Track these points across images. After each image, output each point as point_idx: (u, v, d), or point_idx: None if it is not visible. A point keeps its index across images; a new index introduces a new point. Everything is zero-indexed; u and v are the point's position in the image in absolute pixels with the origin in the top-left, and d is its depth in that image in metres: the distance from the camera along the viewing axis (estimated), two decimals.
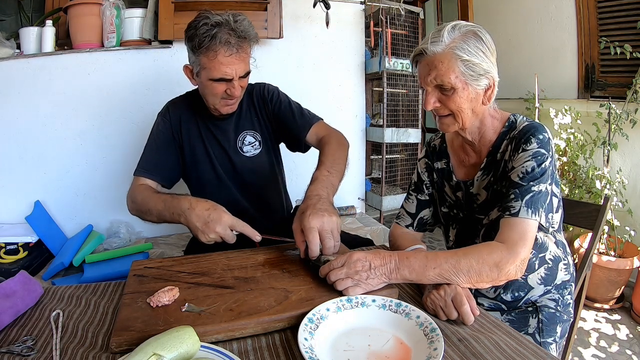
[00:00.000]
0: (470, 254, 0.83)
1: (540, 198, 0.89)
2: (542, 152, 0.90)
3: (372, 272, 0.82)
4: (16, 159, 1.96)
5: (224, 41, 1.11)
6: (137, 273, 0.92)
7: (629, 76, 2.29)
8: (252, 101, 1.38)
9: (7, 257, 1.78)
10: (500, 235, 0.87)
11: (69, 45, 2.04)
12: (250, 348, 0.71)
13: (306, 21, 2.44)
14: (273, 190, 1.45)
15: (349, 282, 0.81)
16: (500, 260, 0.82)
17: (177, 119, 1.33)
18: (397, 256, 0.84)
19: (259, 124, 1.38)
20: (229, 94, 1.19)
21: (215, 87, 1.18)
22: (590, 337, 1.96)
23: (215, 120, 1.33)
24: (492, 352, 0.68)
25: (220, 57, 1.12)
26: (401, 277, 0.82)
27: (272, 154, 1.42)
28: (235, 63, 1.14)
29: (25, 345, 0.70)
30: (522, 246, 0.84)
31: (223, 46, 1.11)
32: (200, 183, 1.36)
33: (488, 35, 0.93)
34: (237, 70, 1.15)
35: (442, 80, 0.91)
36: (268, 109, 1.37)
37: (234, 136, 1.35)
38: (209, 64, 1.14)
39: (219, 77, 1.15)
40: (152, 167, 1.28)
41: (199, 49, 1.13)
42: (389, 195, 2.80)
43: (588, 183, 2.32)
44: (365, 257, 0.83)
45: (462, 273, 0.81)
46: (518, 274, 0.84)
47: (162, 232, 2.22)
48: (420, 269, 0.81)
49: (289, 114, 1.35)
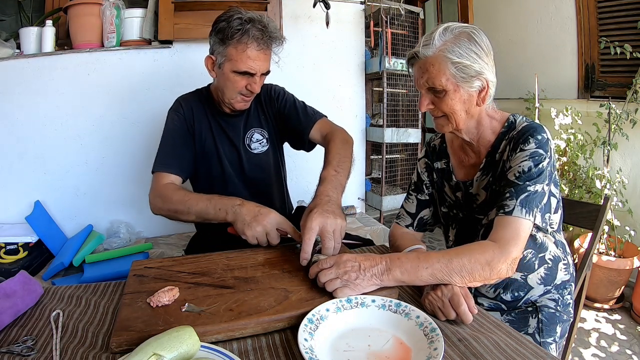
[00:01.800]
0: (462, 253, 0.83)
1: (536, 198, 0.89)
2: (540, 152, 0.90)
3: (362, 273, 0.81)
4: (16, 159, 1.96)
5: (255, 36, 1.15)
6: (137, 273, 0.92)
7: (629, 76, 2.29)
8: (259, 100, 1.39)
9: (7, 257, 1.78)
10: (494, 233, 0.87)
11: (69, 45, 2.04)
12: (250, 348, 0.71)
13: (306, 21, 2.43)
14: (277, 188, 1.46)
15: (338, 282, 0.80)
16: (492, 259, 0.82)
17: (190, 112, 1.34)
18: (388, 257, 0.84)
19: (266, 122, 1.40)
20: (249, 89, 1.22)
21: (237, 81, 1.20)
22: (590, 337, 1.96)
23: (226, 116, 1.35)
24: (492, 352, 0.68)
25: (249, 51, 1.16)
26: (393, 278, 0.81)
27: (277, 152, 1.44)
28: (262, 59, 1.19)
29: (25, 345, 0.70)
30: (513, 245, 0.84)
31: (254, 41, 1.16)
32: (208, 178, 1.37)
33: (483, 36, 0.93)
34: (261, 67, 1.20)
35: (433, 83, 0.92)
36: (274, 107, 1.39)
37: (243, 132, 1.37)
38: (237, 56, 1.17)
39: (244, 70, 1.18)
40: (173, 162, 1.26)
41: (230, 39, 1.16)
42: (389, 195, 2.80)
43: (588, 183, 2.32)
44: (355, 258, 0.83)
45: (455, 272, 0.80)
46: (509, 272, 0.84)
47: (162, 232, 2.22)
48: (412, 269, 0.81)
49: (293, 111, 1.38)
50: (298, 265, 0.95)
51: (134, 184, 2.13)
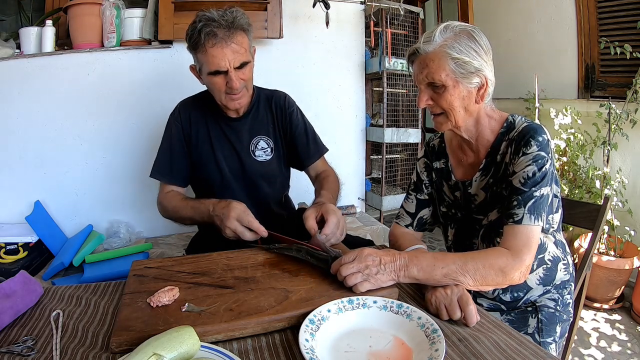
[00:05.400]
0: (478, 258, 0.84)
1: (542, 202, 0.90)
2: (542, 154, 0.91)
3: (382, 268, 0.83)
4: (16, 158, 1.96)
5: (212, 34, 1.13)
6: (137, 273, 0.92)
7: (629, 76, 2.29)
8: (270, 107, 1.39)
9: (7, 257, 1.78)
10: (505, 242, 0.89)
11: (69, 45, 2.04)
12: (250, 348, 0.70)
13: (306, 21, 2.43)
14: (278, 197, 1.46)
15: (359, 277, 0.82)
16: (506, 266, 0.84)
17: (187, 119, 1.34)
18: (407, 255, 0.85)
19: (273, 131, 1.39)
20: (229, 86, 1.20)
21: (216, 82, 1.20)
22: (590, 337, 1.96)
23: (230, 121, 1.34)
24: (492, 352, 0.68)
25: (211, 51, 1.15)
26: (409, 275, 0.83)
27: (282, 162, 1.43)
28: (226, 54, 1.15)
29: (25, 345, 0.70)
30: (526, 253, 0.86)
31: (212, 39, 1.14)
32: (207, 183, 1.37)
33: (483, 36, 0.94)
34: (230, 61, 1.16)
35: (432, 78, 0.93)
36: (285, 121, 1.39)
37: (248, 139, 1.36)
38: (204, 58, 1.17)
39: (214, 70, 1.17)
40: (171, 173, 1.33)
41: (196, 45, 1.16)
42: (389, 195, 2.80)
43: (588, 183, 2.32)
44: (376, 253, 0.85)
45: (469, 274, 0.82)
46: (522, 279, 0.86)
47: (162, 232, 2.22)
48: (428, 267, 0.82)
49: (303, 137, 1.40)
50: (298, 265, 0.95)
51: (134, 184, 2.13)
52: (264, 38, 2.23)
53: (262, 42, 2.28)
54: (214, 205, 1.14)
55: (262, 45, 2.30)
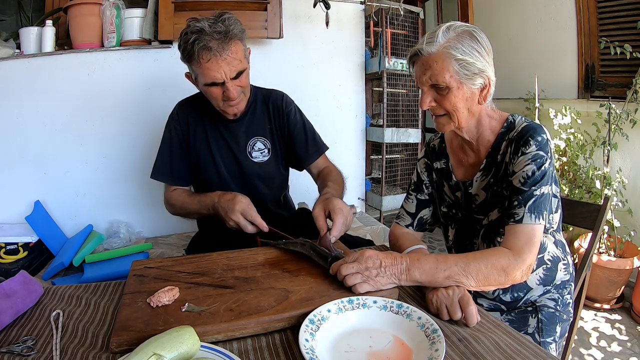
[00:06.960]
0: (479, 258, 0.84)
1: (543, 201, 0.90)
2: (541, 154, 0.91)
3: (382, 270, 0.82)
4: (16, 158, 1.96)
5: (206, 47, 1.11)
6: (137, 273, 0.92)
7: (629, 76, 2.29)
8: (266, 107, 1.38)
9: (7, 257, 1.78)
10: (506, 242, 0.88)
11: (69, 45, 2.04)
12: (250, 348, 0.70)
13: (306, 21, 2.43)
14: (276, 198, 1.46)
15: (359, 278, 0.81)
16: (508, 266, 0.83)
17: (185, 120, 1.34)
18: (409, 257, 0.85)
19: (271, 132, 1.38)
20: (226, 95, 1.19)
21: (213, 91, 1.19)
22: (590, 337, 1.96)
23: (227, 122, 1.33)
24: (492, 352, 0.68)
25: (206, 64, 1.12)
26: (411, 278, 0.82)
27: (280, 162, 1.42)
28: (222, 66, 1.13)
29: (25, 345, 0.70)
30: (528, 252, 0.85)
31: (204, 52, 1.11)
32: (205, 185, 1.37)
33: (484, 36, 0.93)
34: (225, 73, 1.14)
35: (436, 79, 0.92)
36: (282, 121, 1.38)
37: (245, 140, 1.35)
38: (199, 70, 1.15)
39: (210, 82, 1.16)
40: (173, 174, 1.35)
41: (189, 57, 1.15)
42: (389, 195, 2.80)
43: (588, 183, 2.32)
44: (377, 255, 0.84)
45: (471, 276, 0.82)
46: (524, 278, 0.86)
47: (162, 232, 2.22)
48: (431, 270, 0.82)
49: (302, 137, 1.39)
50: (298, 265, 0.95)
51: (134, 184, 2.13)
52: (263, 38, 2.22)
53: (262, 42, 2.28)
54: (219, 196, 1.17)
55: (262, 45, 2.29)
